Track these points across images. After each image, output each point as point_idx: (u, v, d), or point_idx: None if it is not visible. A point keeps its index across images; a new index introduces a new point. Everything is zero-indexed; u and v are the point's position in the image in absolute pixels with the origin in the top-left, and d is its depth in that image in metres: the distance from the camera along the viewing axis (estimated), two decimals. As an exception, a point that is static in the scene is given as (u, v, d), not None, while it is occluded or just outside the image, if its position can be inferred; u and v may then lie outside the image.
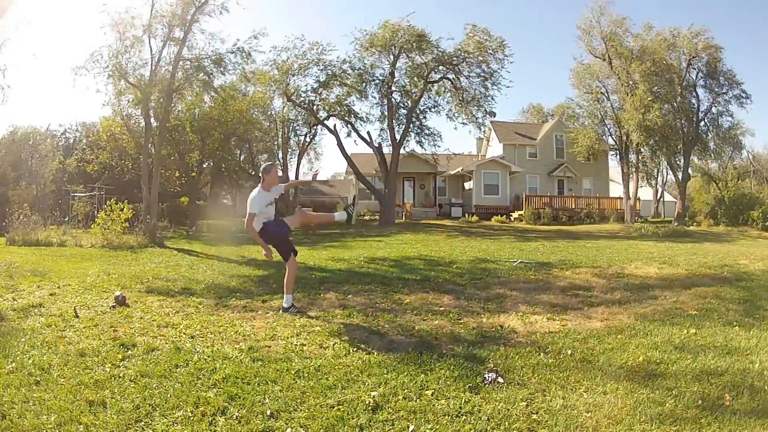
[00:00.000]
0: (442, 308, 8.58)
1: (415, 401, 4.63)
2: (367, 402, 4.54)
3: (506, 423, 4.30)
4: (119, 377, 5.12)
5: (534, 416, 4.47)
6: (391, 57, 35.62)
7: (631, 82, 39.74)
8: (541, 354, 6.23)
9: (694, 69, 44.47)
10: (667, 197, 73.28)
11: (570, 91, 48.41)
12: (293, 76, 35.81)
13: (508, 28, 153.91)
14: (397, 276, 12.27)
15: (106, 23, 24.81)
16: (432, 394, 4.79)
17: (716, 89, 45.10)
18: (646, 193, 66.38)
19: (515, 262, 14.77)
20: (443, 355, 5.95)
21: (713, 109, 46.12)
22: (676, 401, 5.02)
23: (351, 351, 6.17)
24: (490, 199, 44.25)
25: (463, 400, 4.68)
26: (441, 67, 36.05)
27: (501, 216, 39.03)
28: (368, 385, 5.00)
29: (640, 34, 42.85)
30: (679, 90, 43.26)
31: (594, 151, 42.66)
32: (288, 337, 6.75)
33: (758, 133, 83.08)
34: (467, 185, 47.78)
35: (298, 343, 6.46)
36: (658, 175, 68.83)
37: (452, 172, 46.94)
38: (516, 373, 5.48)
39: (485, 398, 4.77)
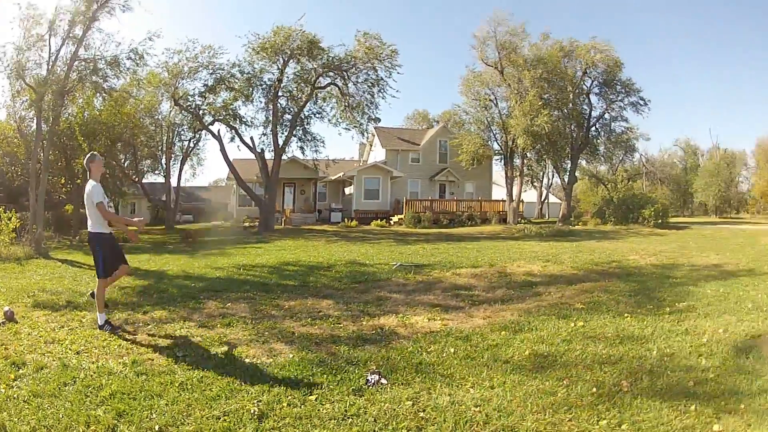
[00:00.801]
0: (321, 313, 8.66)
1: (300, 407, 4.66)
2: (252, 411, 4.55)
3: (393, 423, 4.39)
4: (14, 398, 4.93)
5: (421, 414, 4.58)
6: (281, 62, 35.66)
7: (522, 90, 41.39)
8: (424, 353, 6.40)
9: (590, 78, 47.39)
10: (553, 199, 76.54)
11: (457, 98, 50.09)
12: (183, 79, 35.51)
13: (397, 38, 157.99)
14: (276, 282, 12.22)
15: (16, 17, 23.59)
16: (316, 399, 4.84)
17: (611, 97, 48.25)
18: (530, 195, 68.97)
19: (395, 265, 14.98)
20: (324, 360, 6.01)
21: (606, 115, 49.25)
22: (569, 390, 5.29)
23: (233, 360, 6.16)
24: (370, 203, 44.69)
25: (348, 403, 4.74)
26: (330, 73, 36.45)
27: (381, 220, 39.47)
28: (252, 393, 4.99)
29: (536, 43, 45.04)
30: (572, 97, 45.72)
31: (478, 156, 43.93)
32: (170, 349, 6.65)
33: (654, 137, 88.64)
34: (348, 190, 48.16)
35: (181, 355, 6.37)
36: (543, 177, 71.83)
37: (333, 178, 47.16)
38: (399, 373, 5.61)
39: (370, 400, 4.85)
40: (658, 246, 23.46)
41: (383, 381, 5.28)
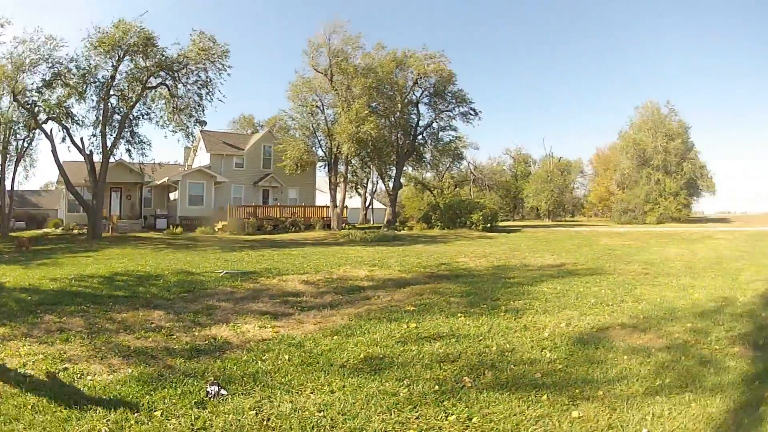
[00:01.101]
0: (154, 324, 8.40)
1: (148, 424, 4.55)
2: (102, 431, 4.38)
3: None
4: None
5: (266, 423, 4.62)
6: (116, 58, 33.52)
7: (350, 97, 41.83)
8: (259, 362, 6.43)
9: (421, 87, 48.89)
10: (378, 205, 77.98)
11: (285, 103, 49.84)
12: (24, 72, 32.42)
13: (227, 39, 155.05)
14: (108, 293, 11.65)
15: None
16: (162, 415, 4.74)
17: (441, 106, 50.22)
18: (354, 202, 69.90)
19: (221, 272, 14.74)
20: (163, 374, 5.85)
21: (434, 124, 51.23)
22: (411, 389, 5.50)
23: (76, 378, 5.87)
24: (195, 209, 43.38)
25: (193, 417, 4.69)
26: (161, 73, 34.97)
27: (205, 227, 38.55)
28: (100, 413, 4.79)
29: (370, 52, 45.63)
30: (400, 106, 47.03)
31: (302, 162, 43.58)
32: (16, 368, 6.22)
33: (483, 146, 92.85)
34: (172, 196, 46.49)
35: (26, 374, 5.99)
36: (368, 183, 73.02)
37: (158, 183, 45.22)
38: (238, 383, 5.60)
39: (213, 412, 4.82)
40: (487, 248, 24.67)
41: (223, 392, 5.25)
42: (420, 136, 51.10)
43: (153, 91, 35.89)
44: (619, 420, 4.96)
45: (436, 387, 5.58)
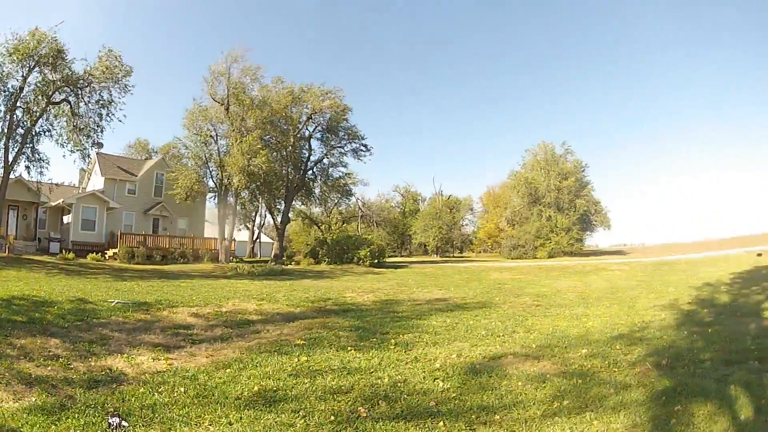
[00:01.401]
0: (51, 352, 8.19)
1: None
2: None
3: None
4: None
5: None
6: (27, 68, 31.90)
7: (243, 129, 41.66)
8: (156, 394, 6.43)
9: (314, 123, 49.41)
10: (265, 239, 77.42)
11: (180, 130, 48.54)
12: None
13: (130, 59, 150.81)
14: (7, 318, 11.19)
15: None
16: None
17: (333, 142, 50.78)
18: (242, 235, 69.17)
19: (113, 302, 14.40)
20: (65, 404, 5.77)
21: (326, 160, 51.63)
22: (307, 420, 5.71)
23: None
24: (87, 235, 41.67)
25: None
26: (66, 89, 33.60)
27: (96, 254, 37.19)
28: None
29: (267, 85, 45.69)
30: (293, 140, 47.29)
31: (192, 192, 43.03)
32: None
33: (373, 182, 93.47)
34: (66, 219, 44.47)
35: None
36: (256, 217, 72.49)
37: (53, 204, 43.27)
38: (137, 415, 5.61)
39: None
40: (375, 284, 25.09)
41: (124, 423, 5.27)
42: (310, 171, 51.58)
43: (56, 107, 34.49)
44: None
45: (332, 417, 5.80)
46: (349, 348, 9.63)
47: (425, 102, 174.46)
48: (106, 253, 38.34)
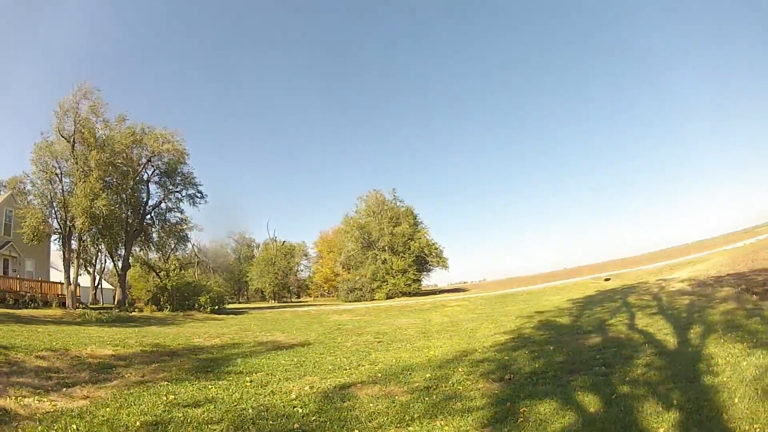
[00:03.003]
0: None
1: None
2: None
3: None
4: None
5: None
6: None
7: (86, 168, 39.87)
8: (53, 431, 6.86)
9: (153, 166, 48.16)
10: (105, 284, 73.96)
11: (27, 165, 44.71)
12: None
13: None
14: None
15: None
16: None
17: (170, 187, 49.84)
18: (84, 279, 65.93)
19: None
20: None
21: (163, 204, 50.54)
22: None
23: None
24: None
25: None
26: None
27: (-52, 297, 34.35)
28: None
29: (111, 123, 43.86)
30: (132, 183, 45.92)
31: (39, 233, 39.86)
32: None
33: (207, 229, 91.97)
34: None
35: None
36: (96, 262, 69.40)
37: None
38: None
39: None
40: (219, 329, 25.36)
41: None
42: (149, 216, 50.48)
43: None
44: None
45: None
46: (209, 386, 10.23)
47: (257, 147, 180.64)
48: (-43, 296, 35.59)
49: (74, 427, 7.06)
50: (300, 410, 8.17)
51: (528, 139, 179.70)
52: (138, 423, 7.38)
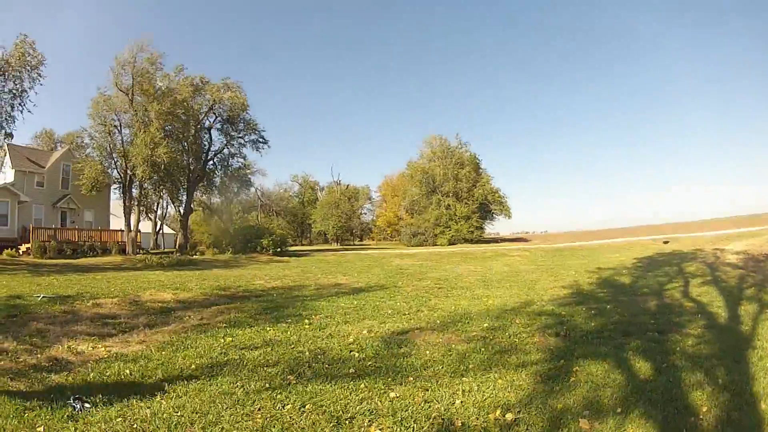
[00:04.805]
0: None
1: None
2: None
3: None
4: None
5: (135, 427, 4.97)
6: None
7: (146, 119, 40.37)
8: (105, 377, 6.64)
9: (215, 114, 48.38)
10: (167, 230, 75.46)
11: (85, 120, 45.62)
12: None
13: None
14: None
15: None
16: (44, 430, 4.84)
17: (233, 133, 49.93)
18: (146, 226, 67.36)
19: (39, 297, 14.04)
20: (27, 394, 5.85)
21: (225, 150, 50.68)
22: (245, 388, 6.15)
23: None
24: (0, 230, 39.65)
25: (72, 429, 4.89)
26: None
27: (11, 249, 35.37)
28: None
29: (169, 74, 44.08)
30: (193, 131, 46.27)
31: (98, 184, 41.59)
32: None
33: (271, 172, 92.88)
34: (-21, 215, 41.95)
35: None
36: (158, 208, 70.72)
37: None
38: (96, 396, 5.73)
39: (88, 422, 5.04)
40: (280, 272, 25.25)
41: (87, 405, 5.43)
42: (211, 162, 50.77)
43: None
44: (433, 396, 5.87)
45: (267, 385, 6.25)
46: (267, 328, 10.05)
47: (322, 91, 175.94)
48: (20, 249, 36.68)
49: (127, 371, 6.90)
50: (357, 354, 7.93)
51: (604, 85, 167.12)
52: (193, 366, 7.23)
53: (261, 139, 51.58)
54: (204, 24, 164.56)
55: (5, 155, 43.78)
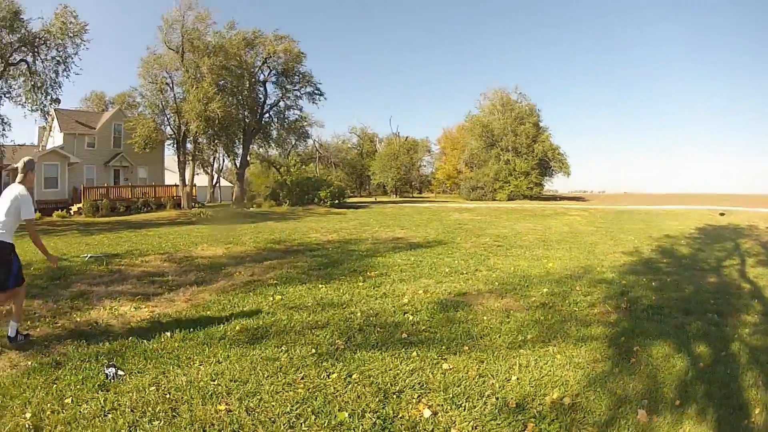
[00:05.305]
0: (36, 314, 7.98)
1: (63, 412, 4.50)
2: (27, 426, 4.27)
3: (150, 409, 4.54)
4: None
5: (168, 396, 4.80)
6: None
7: (198, 75, 40.86)
8: (144, 341, 6.45)
9: (269, 67, 48.63)
10: (224, 183, 76.72)
11: (135, 80, 46.53)
12: None
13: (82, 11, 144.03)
14: None
15: None
16: (72, 401, 4.72)
17: (288, 86, 50.17)
18: (202, 179, 68.45)
19: (86, 257, 14.16)
20: (60, 362, 5.72)
21: (281, 103, 50.97)
22: (290, 354, 5.89)
23: None
24: (50, 193, 40.67)
25: (102, 399, 4.74)
26: (23, 48, 32.45)
27: (61, 210, 36.44)
28: (16, 408, 4.61)
29: (221, 31, 44.62)
30: (248, 84, 46.54)
31: (151, 141, 42.81)
32: None
33: (328, 124, 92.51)
34: (28, 179, 43.30)
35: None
36: (214, 161, 71.63)
37: (16, 165, 42.00)
38: (131, 363, 5.65)
39: (119, 392, 4.90)
40: (337, 224, 25.32)
41: (120, 372, 5.32)
42: (267, 115, 51.05)
43: (13, 68, 33.43)
44: (488, 370, 5.54)
45: (313, 350, 6.00)
46: (320, 286, 9.83)
47: (379, 43, 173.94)
48: (71, 209, 37.69)
49: (168, 335, 6.70)
50: (410, 317, 7.63)
51: (673, 41, 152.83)
52: (238, 327, 7.02)
53: (317, 91, 51.53)
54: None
55: (53, 120, 44.95)
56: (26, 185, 6.49)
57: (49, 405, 4.67)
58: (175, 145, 44.79)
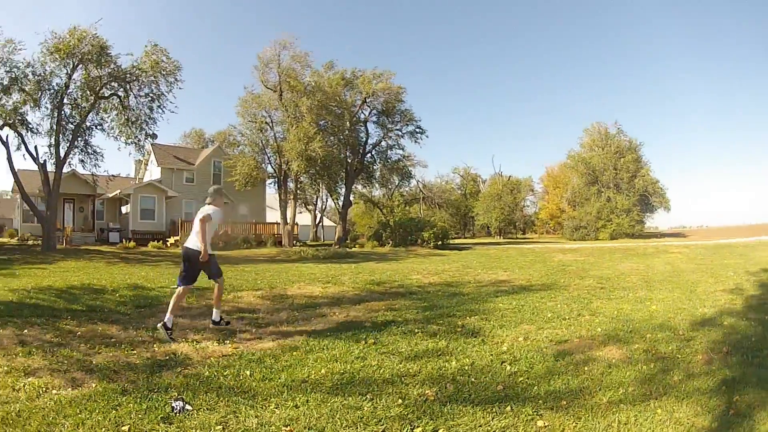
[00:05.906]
0: (113, 339, 8.11)
1: None
2: None
3: None
4: None
5: None
6: (71, 66, 32.44)
7: (298, 114, 42.09)
8: (221, 377, 6.31)
9: (369, 106, 49.73)
10: (328, 222, 78.23)
11: (234, 118, 48.77)
12: None
13: (179, 52, 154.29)
14: (65, 307, 11.33)
15: None
16: (129, 429, 4.61)
17: (389, 125, 51.09)
18: (304, 218, 69.76)
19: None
20: (127, 389, 5.69)
21: (383, 143, 51.92)
22: (374, 404, 5.51)
23: (41, 392, 5.64)
24: (146, 224, 42.78)
25: None
26: (114, 83, 34.24)
27: (157, 242, 37.85)
28: (67, 427, 4.62)
29: (319, 71, 46.30)
30: (348, 124, 47.56)
31: (252, 179, 43.74)
32: None
33: (431, 164, 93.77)
34: (124, 209, 45.62)
35: None
36: (317, 200, 73.13)
37: (110, 195, 44.49)
38: (202, 398, 5.51)
39: (181, 428, 4.73)
40: (439, 266, 24.89)
41: (188, 407, 5.18)
42: (369, 155, 51.99)
43: (105, 101, 35.09)
44: (585, 428, 5.05)
45: (399, 401, 5.62)
46: (416, 331, 9.45)
47: (479, 83, 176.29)
48: (167, 241, 39.00)
49: (247, 373, 6.53)
50: (508, 367, 7.13)
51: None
52: (323, 371, 6.71)
53: (418, 129, 52.07)
54: (356, 17, 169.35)
55: (150, 154, 47.05)
56: (215, 206, 9.27)
57: (103, 429, 4.58)
58: (277, 184, 45.99)
